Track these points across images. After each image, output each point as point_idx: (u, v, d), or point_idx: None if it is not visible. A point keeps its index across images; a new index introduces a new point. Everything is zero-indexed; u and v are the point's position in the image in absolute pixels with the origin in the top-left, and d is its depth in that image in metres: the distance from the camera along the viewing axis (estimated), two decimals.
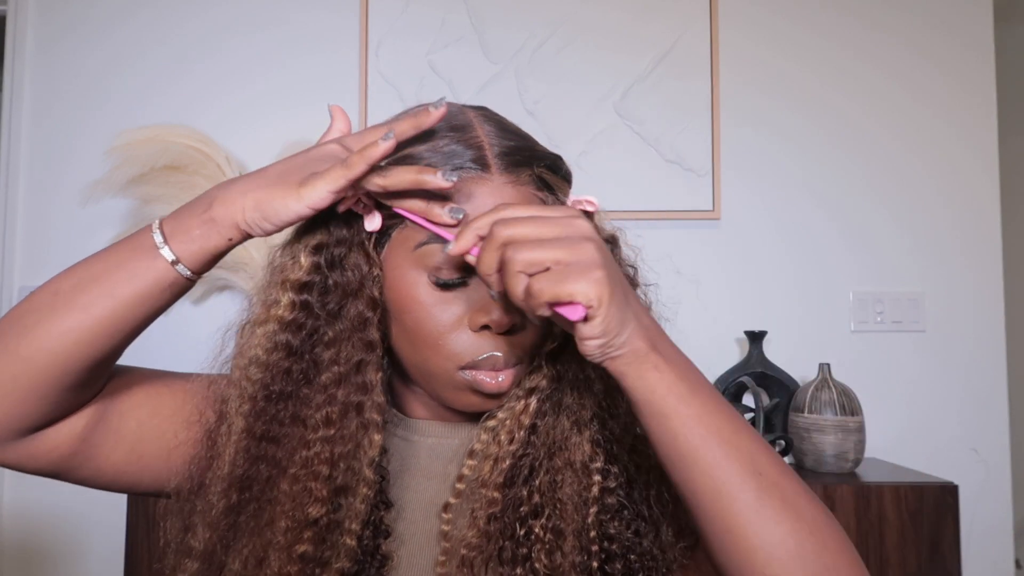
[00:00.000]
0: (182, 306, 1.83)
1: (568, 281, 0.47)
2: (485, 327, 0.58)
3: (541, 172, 0.60)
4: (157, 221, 0.58)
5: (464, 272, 0.58)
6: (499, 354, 0.58)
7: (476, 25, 1.94)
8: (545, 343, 0.62)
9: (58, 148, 1.94)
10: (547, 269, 0.48)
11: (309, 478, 0.59)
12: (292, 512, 0.58)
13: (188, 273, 0.57)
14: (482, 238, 0.51)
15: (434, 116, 0.55)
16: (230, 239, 0.57)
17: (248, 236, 0.58)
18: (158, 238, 0.57)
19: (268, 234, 0.58)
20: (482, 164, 0.58)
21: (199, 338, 1.03)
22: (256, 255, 1.73)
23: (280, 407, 0.60)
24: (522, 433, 0.61)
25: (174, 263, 0.56)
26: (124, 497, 1.55)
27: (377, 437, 0.61)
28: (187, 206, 0.58)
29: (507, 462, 0.60)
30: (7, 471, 1.86)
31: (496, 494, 0.60)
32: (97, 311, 0.56)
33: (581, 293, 0.47)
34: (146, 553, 1.51)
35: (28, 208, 1.93)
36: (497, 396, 0.60)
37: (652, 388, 0.50)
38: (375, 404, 0.60)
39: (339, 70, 1.94)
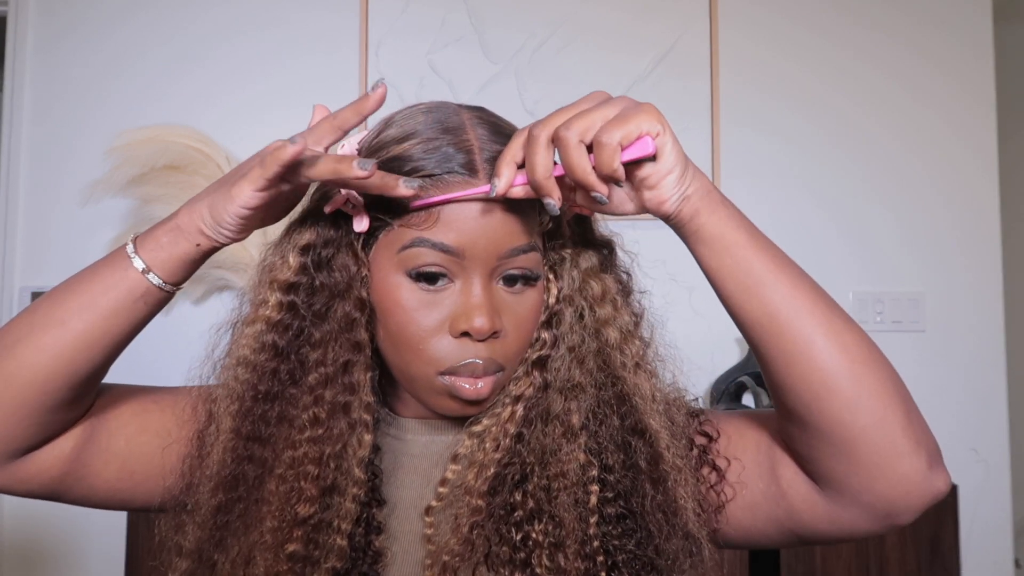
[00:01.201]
0: (182, 306, 1.83)
1: (628, 120, 0.51)
2: (466, 333, 0.58)
3: None
4: (132, 235, 0.59)
5: (441, 265, 0.58)
6: (479, 361, 0.58)
7: (476, 25, 1.94)
8: (529, 350, 0.62)
9: (58, 148, 1.94)
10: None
11: (297, 478, 0.59)
12: (280, 512, 0.59)
13: (159, 282, 0.57)
14: (520, 167, 0.54)
15: (373, 99, 0.55)
16: (198, 244, 0.57)
17: (217, 243, 0.58)
18: (130, 249, 0.57)
19: (232, 242, 0.58)
20: (470, 169, 0.57)
21: (199, 338, 1.03)
22: (256, 255, 1.73)
23: (267, 407, 0.60)
24: (507, 441, 0.61)
25: (144, 272, 0.57)
26: None
27: (367, 437, 0.61)
28: (159, 222, 0.59)
29: (492, 470, 0.60)
30: None
31: (480, 502, 0.59)
32: (74, 325, 0.56)
33: (645, 123, 0.51)
34: (147, 553, 1.51)
35: (28, 208, 1.93)
36: (476, 403, 0.60)
37: (725, 222, 0.56)
38: (363, 404, 0.60)
39: (339, 70, 1.94)
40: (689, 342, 0.71)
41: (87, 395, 0.61)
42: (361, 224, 0.59)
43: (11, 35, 1.95)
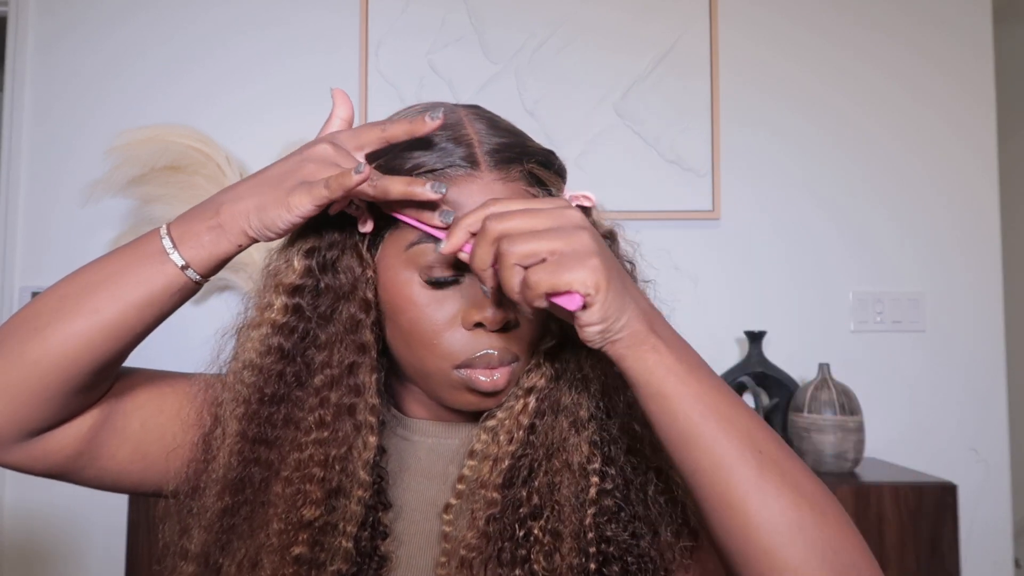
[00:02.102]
0: (183, 306, 1.83)
1: (564, 270, 0.48)
2: (479, 325, 0.58)
3: (532, 168, 0.60)
4: (164, 226, 0.58)
5: (456, 270, 0.58)
6: (494, 352, 0.58)
7: (476, 25, 1.94)
8: (542, 341, 0.62)
9: (58, 148, 1.94)
10: (543, 260, 0.48)
11: (302, 480, 0.59)
12: (286, 514, 0.59)
13: (197, 277, 0.58)
14: (474, 234, 0.52)
15: (429, 126, 0.56)
16: (240, 244, 0.58)
17: (256, 241, 0.58)
18: (167, 243, 0.57)
19: (273, 240, 0.58)
20: (472, 161, 0.58)
21: (199, 338, 1.03)
22: (257, 256, 1.73)
23: (273, 410, 0.60)
24: (521, 433, 0.61)
25: (184, 268, 0.57)
26: (125, 498, 1.55)
27: (372, 439, 0.61)
28: (194, 211, 0.58)
29: (506, 462, 0.60)
30: (8, 470, 1.86)
31: (495, 495, 0.60)
32: (105, 315, 0.56)
33: (579, 282, 0.47)
34: (147, 554, 1.51)
35: (28, 208, 1.93)
36: (493, 394, 0.60)
37: (651, 370, 0.51)
38: (368, 406, 0.61)
39: (339, 70, 1.94)
40: (691, 339, 0.72)
41: (108, 379, 0.62)
42: (366, 225, 0.59)
43: (11, 35, 1.95)
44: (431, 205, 0.56)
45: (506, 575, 0.58)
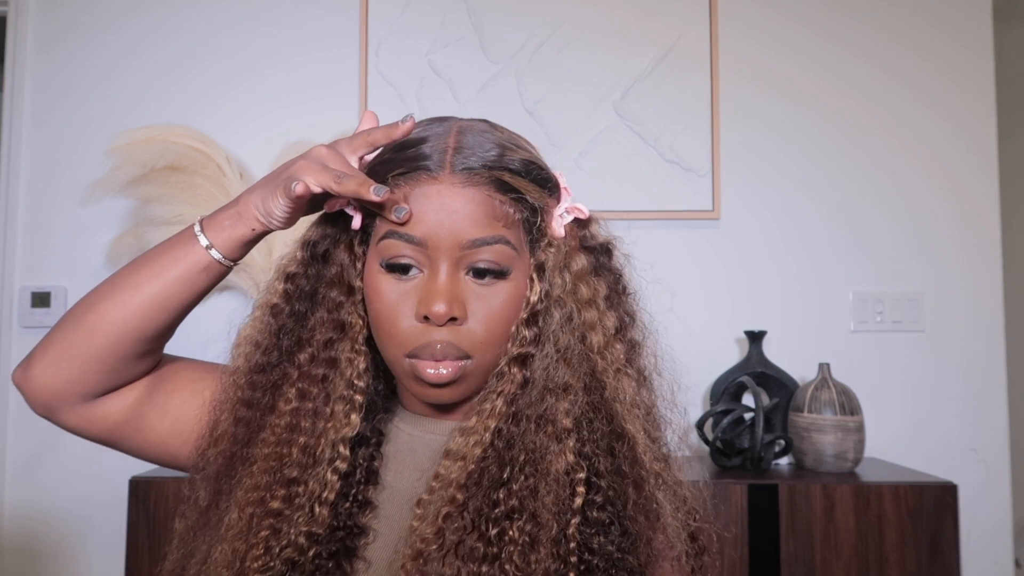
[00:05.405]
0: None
1: None
2: (427, 318, 0.62)
3: (500, 175, 0.63)
4: (199, 217, 0.68)
5: (410, 256, 0.63)
6: (437, 344, 0.62)
7: (476, 25, 1.94)
8: (511, 345, 0.65)
9: (58, 148, 1.94)
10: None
11: (279, 443, 0.66)
12: (264, 471, 0.65)
13: (219, 256, 0.66)
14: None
15: (401, 130, 0.63)
16: (253, 228, 0.66)
17: (268, 229, 0.66)
18: (197, 229, 0.67)
19: (281, 228, 0.66)
20: (438, 166, 0.62)
21: (201, 335, 1.03)
22: (257, 257, 1.73)
23: (261, 377, 0.68)
24: (487, 436, 0.64)
25: (208, 248, 0.66)
26: (124, 497, 1.55)
27: (354, 417, 0.67)
28: (222, 207, 0.68)
29: (471, 464, 0.64)
30: (8, 471, 1.87)
31: (457, 494, 0.63)
32: (147, 289, 0.66)
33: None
34: (147, 554, 1.51)
35: (28, 208, 1.93)
36: (440, 387, 0.64)
37: None
38: (347, 382, 0.67)
39: (339, 70, 1.94)
40: (692, 339, 0.72)
41: (153, 352, 0.70)
42: (355, 222, 0.66)
43: (11, 35, 1.96)
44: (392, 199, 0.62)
45: (474, 571, 0.60)
